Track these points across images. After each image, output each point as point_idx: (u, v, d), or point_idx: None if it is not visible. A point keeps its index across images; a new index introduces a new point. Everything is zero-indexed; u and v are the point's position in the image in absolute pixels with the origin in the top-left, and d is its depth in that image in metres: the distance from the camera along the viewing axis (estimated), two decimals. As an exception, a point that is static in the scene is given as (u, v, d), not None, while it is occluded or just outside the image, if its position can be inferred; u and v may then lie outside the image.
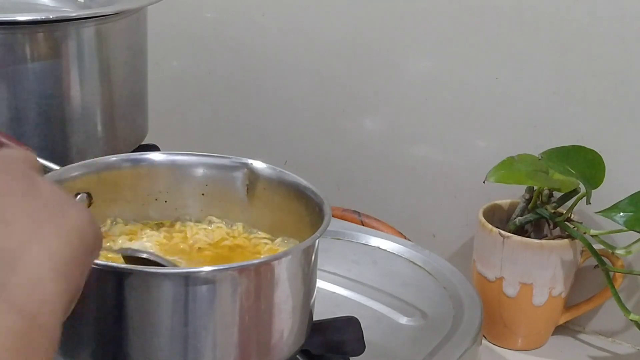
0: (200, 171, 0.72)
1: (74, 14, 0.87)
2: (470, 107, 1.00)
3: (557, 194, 0.90)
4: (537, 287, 0.89)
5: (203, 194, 0.72)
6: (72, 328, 0.59)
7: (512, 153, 0.90)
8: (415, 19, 1.01)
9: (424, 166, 1.04)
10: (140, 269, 0.57)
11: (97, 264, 0.57)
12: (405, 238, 0.95)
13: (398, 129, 1.06)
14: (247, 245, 0.70)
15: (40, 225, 0.42)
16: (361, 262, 0.86)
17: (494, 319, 0.91)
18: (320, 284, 0.73)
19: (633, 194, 0.85)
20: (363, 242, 0.89)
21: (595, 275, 0.91)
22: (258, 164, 0.71)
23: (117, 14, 0.88)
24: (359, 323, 0.69)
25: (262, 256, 0.68)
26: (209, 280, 0.56)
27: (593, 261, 0.88)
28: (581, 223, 0.89)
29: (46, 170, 0.69)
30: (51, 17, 0.84)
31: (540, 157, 0.88)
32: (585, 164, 0.87)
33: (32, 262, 0.40)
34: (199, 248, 0.69)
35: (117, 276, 0.57)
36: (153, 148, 0.96)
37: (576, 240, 0.88)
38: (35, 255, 0.40)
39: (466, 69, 0.99)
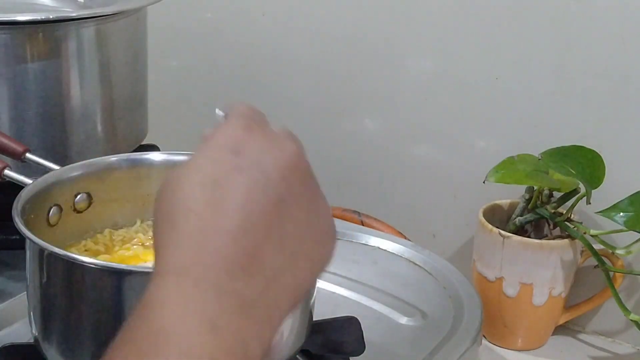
0: (200, 171, 0.71)
1: (74, 14, 0.87)
2: (470, 107, 1.00)
3: (557, 194, 0.90)
4: (537, 287, 0.89)
5: None
6: (71, 328, 0.59)
7: (512, 153, 0.90)
8: (416, 18, 1.01)
9: (424, 166, 1.04)
10: (140, 269, 0.57)
11: (96, 264, 0.57)
12: (405, 238, 0.95)
13: (398, 129, 1.05)
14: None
15: None
16: (361, 262, 0.86)
17: (494, 319, 0.91)
18: (320, 284, 0.73)
19: (633, 194, 0.85)
20: (363, 242, 0.89)
21: (595, 275, 0.91)
22: (258, 164, 0.70)
23: (117, 14, 0.88)
24: (359, 323, 0.69)
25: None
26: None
27: (593, 261, 0.88)
28: (581, 223, 0.89)
29: (46, 170, 0.70)
30: (51, 17, 0.84)
31: (540, 157, 0.88)
32: (585, 164, 0.87)
33: None
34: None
35: (116, 276, 0.57)
36: (153, 148, 0.96)
37: (576, 240, 0.88)
38: None
39: (466, 69, 0.99)
